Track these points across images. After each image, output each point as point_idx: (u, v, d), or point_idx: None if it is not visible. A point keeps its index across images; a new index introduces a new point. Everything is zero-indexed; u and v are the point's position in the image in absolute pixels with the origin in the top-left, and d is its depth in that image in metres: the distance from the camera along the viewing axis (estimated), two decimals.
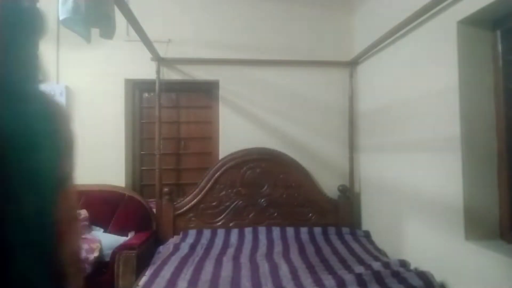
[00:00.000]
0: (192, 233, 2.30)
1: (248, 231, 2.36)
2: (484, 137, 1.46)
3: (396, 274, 1.61)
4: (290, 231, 2.37)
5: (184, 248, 2.13)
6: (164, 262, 1.87)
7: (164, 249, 2.15)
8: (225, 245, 2.21)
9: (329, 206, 2.52)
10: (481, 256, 1.35)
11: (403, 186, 1.94)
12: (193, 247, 2.14)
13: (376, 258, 1.90)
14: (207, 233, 2.32)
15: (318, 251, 2.09)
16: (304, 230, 2.38)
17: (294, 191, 2.51)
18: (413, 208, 1.84)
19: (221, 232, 2.33)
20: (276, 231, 2.37)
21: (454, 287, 1.49)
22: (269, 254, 2.07)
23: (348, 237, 2.32)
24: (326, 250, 2.09)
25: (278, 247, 2.16)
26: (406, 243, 1.91)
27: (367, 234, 2.38)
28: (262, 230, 2.37)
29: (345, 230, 2.40)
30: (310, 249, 2.12)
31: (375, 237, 2.34)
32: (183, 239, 2.23)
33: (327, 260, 1.92)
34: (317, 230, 2.39)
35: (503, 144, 1.43)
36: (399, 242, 1.97)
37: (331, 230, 2.39)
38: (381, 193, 2.25)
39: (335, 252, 2.06)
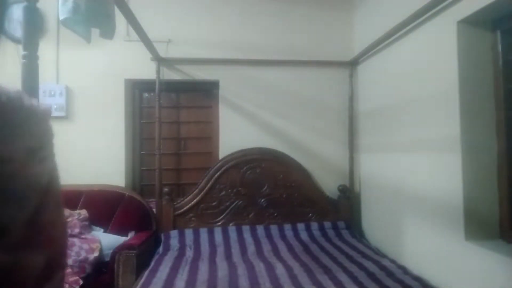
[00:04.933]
0: (188, 233, 2.30)
1: (245, 229, 2.36)
2: (484, 137, 1.46)
3: (391, 274, 1.63)
4: (288, 229, 2.39)
5: (183, 247, 2.15)
6: (159, 262, 1.90)
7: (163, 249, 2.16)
8: (224, 243, 2.21)
9: (329, 206, 2.52)
10: (481, 256, 1.35)
11: (403, 186, 1.94)
12: (190, 247, 2.16)
13: (374, 259, 1.90)
14: (203, 232, 2.32)
15: (316, 250, 2.10)
16: (301, 227, 2.40)
17: (294, 191, 2.51)
18: (413, 208, 1.84)
19: (218, 231, 2.33)
20: (274, 229, 2.38)
21: (454, 287, 1.49)
22: (269, 253, 2.07)
23: (347, 236, 2.33)
24: (324, 249, 2.10)
25: (276, 246, 2.17)
26: (406, 243, 1.91)
27: (363, 234, 2.38)
28: (260, 228, 2.37)
29: (343, 228, 2.41)
30: (307, 248, 2.13)
31: (374, 237, 2.34)
32: (180, 239, 2.24)
33: (325, 260, 1.93)
34: (314, 226, 2.42)
35: (503, 144, 1.43)
36: (399, 242, 1.97)
37: (330, 231, 2.40)
38: (381, 193, 2.25)
39: (333, 251, 2.06)
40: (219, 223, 2.42)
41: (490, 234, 1.44)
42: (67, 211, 2.25)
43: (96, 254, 1.96)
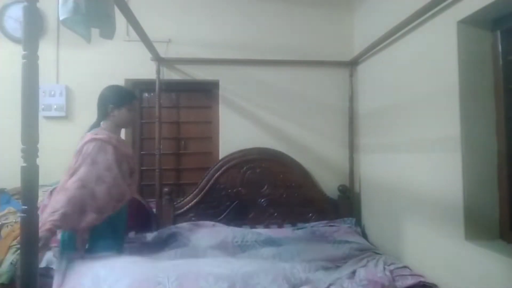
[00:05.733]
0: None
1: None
2: (484, 137, 1.46)
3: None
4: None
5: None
6: None
7: None
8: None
9: (329, 206, 2.52)
10: (481, 256, 1.35)
11: (403, 186, 1.94)
12: None
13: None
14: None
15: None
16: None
17: (294, 191, 2.51)
18: (413, 208, 1.84)
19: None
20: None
21: (454, 287, 1.49)
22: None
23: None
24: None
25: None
26: (406, 243, 1.91)
27: (364, 231, 2.38)
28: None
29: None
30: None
31: (375, 237, 2.34)
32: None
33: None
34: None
35: (503, 144, 1.43)
36: (399, 242, 1.97)
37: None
38: (381, 193, 2.25)
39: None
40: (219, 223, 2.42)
41: (490, 234, 1.44)
42: None
43: None
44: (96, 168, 1.51)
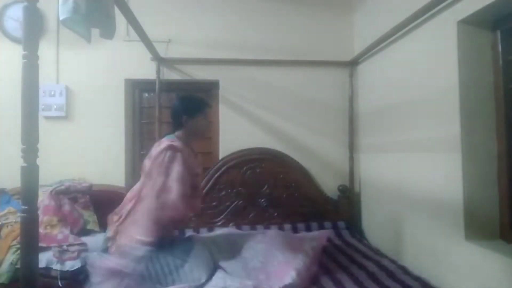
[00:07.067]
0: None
1: (245, 229, 2.34)
2: (484, 137, 1.46)
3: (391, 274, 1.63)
4: (288, 229, 2.38)
5: None
6: None
7: None
8: None
9: (329, 206, 2.52)
10: (481, 256, 1.35)
11: (403, 186, 1.94)
12: None
13: (374, 259, 1.90)
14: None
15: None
16: (301, 227, 2.40)
17: (294, 191, 2.51)
18: (413, 208, 1.84)
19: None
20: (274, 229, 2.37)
21: (454, 287, 1.49)
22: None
23: (347, 237, 2.32)
24: (324, 249, 2.09)
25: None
26: (406, 243, 1.91)
27: (363, 234, 2.38)
28: (260, 228, 2.36)
29: (343, 228, 2.41)
30: None
31: (374, 237, 2.34)
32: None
33: (325, 260, 1.92)
34: (314, 226, 2.42)
35: (503, 144, 1.43)
36: (399, 242, 1.97)
37: (329, 231, 2.40)
38: (381, 193, 2.25)
39: (333, 251, 2.06)
40: (219, 223, 2.42)
41: (490, 234, 1.44)
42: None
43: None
44: (169, 179, 1.49)
